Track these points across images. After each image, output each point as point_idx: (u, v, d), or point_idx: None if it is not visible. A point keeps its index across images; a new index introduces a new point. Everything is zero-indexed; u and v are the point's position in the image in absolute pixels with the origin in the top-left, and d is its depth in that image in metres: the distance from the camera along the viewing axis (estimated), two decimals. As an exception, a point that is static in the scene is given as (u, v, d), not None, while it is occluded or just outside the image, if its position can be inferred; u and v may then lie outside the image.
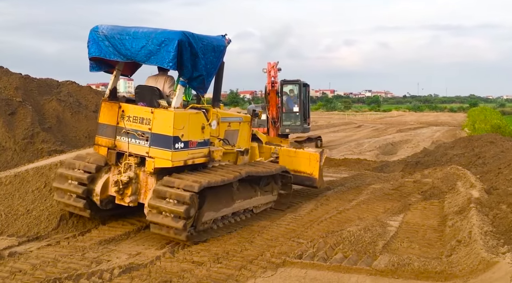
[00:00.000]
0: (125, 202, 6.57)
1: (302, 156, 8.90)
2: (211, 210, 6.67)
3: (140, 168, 6.55)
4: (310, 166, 8.80)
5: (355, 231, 6.75)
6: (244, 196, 7.43)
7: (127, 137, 6.54)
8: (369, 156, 17.35)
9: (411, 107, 73.68)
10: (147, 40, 6.32)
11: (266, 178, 7.92)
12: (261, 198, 7.95)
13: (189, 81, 6.55)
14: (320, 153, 8.84)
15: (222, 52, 6.99)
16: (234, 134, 7.91)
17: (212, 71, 6.82)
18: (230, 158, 7.83)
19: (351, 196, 9.68)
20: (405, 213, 8.20)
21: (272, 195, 8.22)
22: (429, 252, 6.14)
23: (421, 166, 13.94)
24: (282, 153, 8.99)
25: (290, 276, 5.32)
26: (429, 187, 10.09)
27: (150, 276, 5.20)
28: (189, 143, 6.46)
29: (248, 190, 7.56)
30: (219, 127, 7.41)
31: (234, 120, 7.95)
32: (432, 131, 29.30)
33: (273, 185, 8.20)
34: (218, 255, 5.93)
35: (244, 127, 8.18)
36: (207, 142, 6.80)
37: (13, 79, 15.97)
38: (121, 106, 6.72)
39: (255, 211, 7.86)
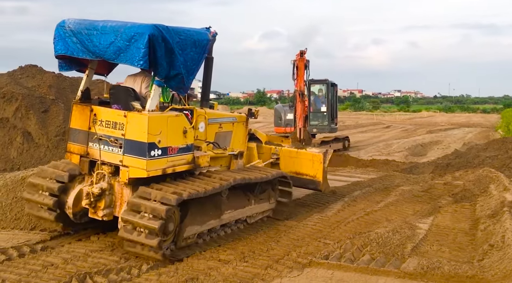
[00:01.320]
0: (98, 216, 5.93)
1: (305, 157, 8.14)
2: (195, 223, 6.00)
3: (115, 178, 5.89)
4: (313, 168, 8.04)
5: (383, 233, 6.65)
6: (236, 206, 6.71)
7: (99, 144, 5.91)
8: (397, 157, 17.08)
9: (441, 107, 72.14)
10: (116, 36, 5.63)
11: (261, 185, 7.21)
12: (256, 207, 7.17)
13: (166, 81, 5.86)
14: (323, 154, 8.09)
15: (205, 47, 6.27)
16: (226, 136, 7.26)
17: (193, 68, 6.10)
18: (223, 163, 7.14)
19: (379, 198, 9.55)
20: (435, 215, 8.03)
21: (269, 203, 7.45)
22: (460, 256, 6.00)
23: (452, 168, 13.62)
24: (283, 154, 8.27)
25: (317, 277, 5.29)
26: (460, 190, 9.86)
27: (177, 273, 5.26)
28: (168, 149, 5.78)
29: (241, 198, 6.87)
30: (208, 129, 6.75)
31: (226, 121, 7.24)
32: (464, 133, 28.60)
33: (270, 192, 7.45)
34: (244, 254, 5.94)
35: (238, 128, 7.49)
36: (190, 147, 6.10)
37: (46, 77, 16.41)
38: (93, 109, 6.07)
39: (249, 221, 7.14)
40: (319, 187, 8.13)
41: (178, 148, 5.93)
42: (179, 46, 5.82)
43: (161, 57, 5.60)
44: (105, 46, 5.70)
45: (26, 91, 14.43)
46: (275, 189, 7.53)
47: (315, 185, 8.15)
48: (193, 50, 6.05)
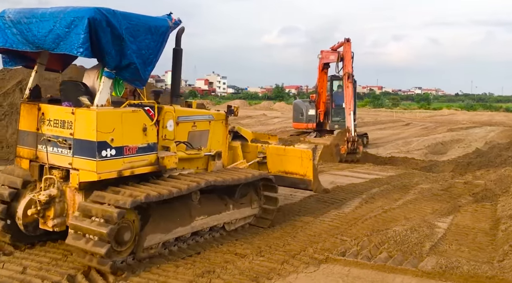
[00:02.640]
0: (49, 226, 5.30)
1: (293, 154, 7.43)
2: (158, 231, 5.39)
3: (66, 183, 5.29)
4: (303, 166, 7.31)
5: (401, 231, 6.59)
6: (209, 211, 6.09)
7: (47, 146, 5.31)
8: (417, 155, 16.88)
9: (463, 105, 70.93)
10: (55, 22, 5.00)
11: (241, 188, 6.61)
12: (235, 213, 6.50)
13: (117, 72, 5.27)
14: (312, 150, 7.49)
15: (164, 35, 5.62)
16: (202, 136, 6.64)
17: (151, 58, 5.47)
18: (200, 165, 6.55)
19: (397, 196, 9.46)
20: (454, 215, 7.92)
21: (250, 208, 6.75)
22: (480, 256, 5.91)
23: (472, 167, 13.42)
24: (270, 152, 7.56)
25: (333, 273, 5.27)
26: (481, 189, 9.70)
27: (194, 266, 5.30)
28: (124, 149, 5.18)
29: (216, 203, 6.27)
30: (179, 128, 6.17)
31: (200, 119, 6.62)
32: (486, 131, 28.08)
33: (252, 196, 6.77)
34: (261, 249, 5.95)
35: (216, 126, 6.85)
36: (153, 146, 5.49)
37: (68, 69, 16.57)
38: (41, 108, 5.45)
39: (227, 228, 6.47)
40: (310, 187, 7.40)
41: (137, 147, 5.32)
42: (130, 33, 5.19)
43: (108, 44, 4.99)
44: (44, 34, 5.08)
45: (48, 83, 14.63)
46: (258, 192, 6.84)
47: (306, 185, 7.42)
48: (148, 37, 5.41)
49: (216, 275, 5.02)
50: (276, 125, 29.50)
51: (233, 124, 8.44)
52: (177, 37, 6.24)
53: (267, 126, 29.29)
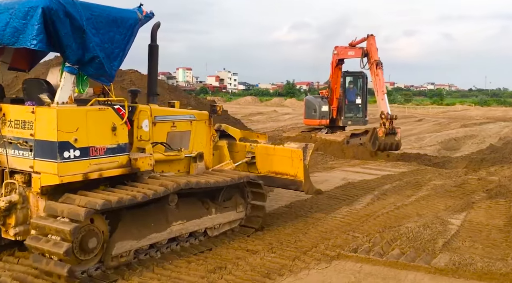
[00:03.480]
0: (10, 235, 4.90)
1: (283, 153, 7.06)
2: (129, 237, 5.01)
3: (29, 188, 4.91)
4: (293, 166, 6.93)
5: (413, 227, 6.55)
6: (189, 216, 5.71)
7: (8, 149, 4.95)
8: (430, 151, 16.76)
9: (477, 101, 70.13)
10: (11, 14, 4.68)
11: (226, 191, 6.21)
12: (219, 217, 6.11)
13: (80, 67, 4.91)
14: (303, 149, 6.99)
15: (132, 28, 5.24)
16: (183, 137, 6.30)
17: (116, 52, 5.11)
18: (181, 167, 6.21)
19: (410, 192, 9.40)
20: (468, 211, 7.85)
21: (236, 212, 6.37)
22: (494, 253, 5.84)
23: (486, 163, 13.28)
24: (259, 151, 7.19)
25: (345, 269, 5.25)
26: (495, 186, 9.59)
27: (206, 262, 5.32)
28: (89, 150, 4.82)
29: (196, 207, 5.88)
30: (156, 129, 5.85)
31: (180, 119, 6.28)
32: (500, 127, 27.75)
33: (238, 199, 6.39)
34: (272, 245, 5.95)
35: (198, 126, 6.49)
36: (124, 147, 5.12)
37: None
38: (2, 108, 5.09)
39: (210, 233, 6.05)
40: (301, 188, 7.02)
41: (105, 148, 4.96)
42: (92, 24, 4.85)
43: (67, 37, 4.65)
44: (1, 28, 4.75)
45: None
46: (245, 195, 6.47)
47: (297, 186, 7.05)
48: (114, 29, 5.06)
49: (227, 271, 5.03)
50: (287, 122, 29.46)
51: (224, 122, 8.33)
52: (152, 32, 5.93)
53: (278, 122, 29.26)
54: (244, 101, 56.17)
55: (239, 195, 6.43)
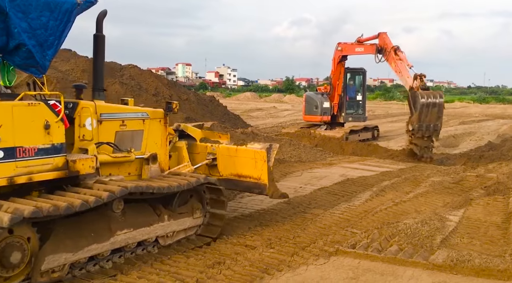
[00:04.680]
0: None
1: (245, 155, 6.52)
2: (63, 250, 4.45)
3: None
4: (257, 168, 6.43)
5: (411, 223, 6.57)
6: (137, 223, 5.16)
7: None
8: (428, 147, 16.73)
9: (476, 98, 70.11)
10: None
11: (181, 195, 5.66)
12: (172, 224, 5.56)
13: (4, 55, 4.50)
14: (267, 150, 6.50)
15: (69, 13, 4.67)
16: (134, 137, 5.78)
17: (50, 40, 4.56)
18: (132, 170, 5.68)
19: (408, 188, 9.42)
20: (466, 208, 7.87)
21: (192, 218, 5.84)
22: (491, 250, 5.87)
23: (485, 160, 13.30)
24: (221, 153, 6.67)
25: (343, 265, 5.27)
26: (493, 182, 9.61)
27: (204, 257, 5.34)
28: (16, 150, 4.27)
29: (146, 214, 5.34)
30: (102, 128, 5.35)
31: (131, 117, 5.75)
32: (499, 124, 27.77)
33: (194, 204, 5.89)
34: (270, 240, 5.97)
35: (153, 126, 5.96)
36: (60, 148, 4.57)
37: (80, 61, 16.75)
38: None
39: (162, 242, 5.52)
40: (265, 191, 6.49)
41: (36, 149, 4.41)
42: (18, 7, 4.30)
43: None
44: None
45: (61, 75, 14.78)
46: (203, 199, 6.01)
47: (261, 190, 6.51)
48: (46, 14, 4.50)
49: (226, 267, 5.04)
50: (286, 118, 29.46)
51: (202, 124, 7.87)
52: (97, 21, 5.41)
53: (277, 118, 29.25)
54: (243, 97, 56.12)
55: (197, 199, 5.93)
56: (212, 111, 19.71)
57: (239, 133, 14.47)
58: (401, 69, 14.91)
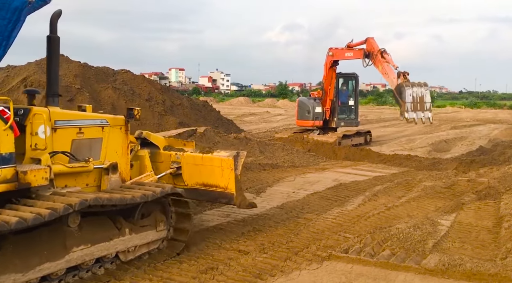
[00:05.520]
0: None
1: (212, 163, 6.23)
2: (10, 270, 4.09)
3: None
4: (224, 176, 6.14)
5: (404, 228, 6.60)
6: (95, 238, 4.77)
7: None
8: (420, 152, 16.87)
9: (467, 103, 70.65)
10: None
11: (143, 208, 5.32)
12: (133, 238, 5.18)
13: None
14: (234, 158, 6.25)
15: (18, 12, 4.36)
16: (92, 145, 5.40)
17: None
18: (90, 181, 5.32)
19: (401, 193, 9.46)
20: (457, 212, 7.92)
21: (156, 231, 5.48)
22: (483, 254, 5.91)
23: (476, 165, 13.40)
24: (186, 161, 6.36)
25: (336, 270, 5.28)
26: (485, 187, 9.69)
27: (197, 262, 5.33)
28: None
29: (106, 228, 4.96)
30: (57, 136, 4.96)
31: (89, 125, 5.36)
32: (490, 129, 28.00)
33: (158, 217, 5.51)
34: (264, 246, 5.97)
35: (113, 134, 5.59)
36: (8, 158, 4.26)
37: (72, 66, 16.71)
38: None
39: (123, 258, 5.13)
40: (232, 201, 6.20)
41: None
42: None
43: None
44: None
45: (53, 80, 14.69)
46: (167, 211, 5.65)
47: (228, 199, 6.23)
48: None
49: (219, 272, 5.04)
50: (279, 123, 29.51)
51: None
52: (51, 21, 5.06)
53: (270, 123, 29.30)
54: (236, 102, 56.16)
55: (160, 211, 5.57)
56: (205, 116, 19.71)
57: (232, 138, 14.49)
58: (387, 70, 15.19)
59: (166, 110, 17.13)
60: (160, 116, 16.54)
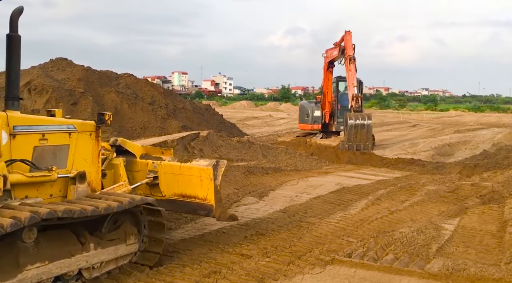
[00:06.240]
0: None
1: (190, 172, 5.85)
2: None
3: None
4: (203, 187, 5.78)
5: (407, 232, 6.58)
6: (54, 255, 4.32)
7: None
8: (424, 156, 16.84)
9: (470, 107, 70.60)
10: None
11: (111, 220, 4.86)
12: (100, 253, 4.73)
13: None
14: (213, 167, 5.86)
15: None
16: (57, 152, 4.98)
17: None
18: (55, 191, 4.90)
19: (404, 197, 9.44)
20: (461, 216, 7.89)
21: (125, 245, 5.03)
22: (487, 258, 5.88)
23: (480, 169, 13.36)
24: (163, 170, 5.97)
25: (339, 274, 5.26)
26: (488, 191, 9.66)
27: (200, 266, 5.31)
28: None
29: (67, 242, 4.50)
30: (16, 142, 4.58)
31: (54, 130, 4.94)
32: (493, 133, 27.92)
33: (128, 229, 5.06)
34: (266, 249, 5.96)
35: (81, 140, 5.19)
36: None
37: (76, 70, 16.77)
38: None
39: (87, 275, 4.66)
40: (212, 213, 5.83)
41: None
42: None
43: None
44: None
45: (56, 84, 14.77)
46: (139, 223, 5.18)
47: (207, 211, 5.85)
48: None
49: (222, 276, 5.03)
50: (282, 126, 29.52)
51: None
52: (11, 19, 4.76)
53: (273, 127, 29.31)
54: (239, 106, 56.23)
55: (131, 223, 5.11)
56: (208, 120, 19.74)
57: (235, 141, 14.49)
58: (353, 81, 15.97)
59: (169, 114, 17.16)
60: (163, 120, 16.57)
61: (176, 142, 11.59)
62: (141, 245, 5.22)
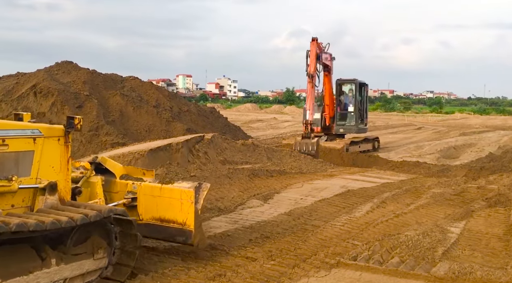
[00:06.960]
0: None
1: (171, 195, 5.50)
2: None
3: None
4: (182, 211, 5.42)
5: (413, 235, 6.55)
6: (8, 273, 3.96)
7: None
8: (429, 159, 16.78)
9: (476, 109, 70.35)
10: None
11: (78, 233, 4.49)
12: (63, 269, 4.33)
13: None
14: (195, 190, 5.60)
15: None
16: (20, 159, 4.54)
17: None
18: (17, 201, 4.46)
19: (409, 200, 9.40)
20: (467, 220, 7.85)
21: (93, 260, 4.65)
22: (493, 262, 5.84)
23: (486, 172, 13.31)
24: (143, 192, 5.60)
25: (344, 278, 5.24)
26: (495, 194, 9.61)
27: (205, 269, 5.31)
28: None
29: (25, 257, 4.12)
30: None
31: (16, 135, 4.48)
32: (499, 136, 27.78)
33: (96, 242, 4.68)
34: (271, 252, 5.94)
35: (48, 146, 4.73)
36: None
37: (81, 73, 16.84)
38: None
39: None
40: (190, 239, 5.43)
41: None
42: None
43: None
44: None
45: (62, 87, 14.83)
46: (109, 235, 4.78)
47: (185, 237, 5.45)
48: None
49: (227, 279, 5.02)
50: (286, 129, 29.51)
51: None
52: None
53: (277, 130, 29.31)
54: (244, 108, 56.30)
55: (99, 236, 4.71)
56: (213, 123, 19.75)
57: (240, 144, 14.49)
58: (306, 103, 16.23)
59: (173, 117, 17.19)
60: (168, 123, 16.60)
61: (181, 145, 11.60)
62: (112, 259, 4.82)
